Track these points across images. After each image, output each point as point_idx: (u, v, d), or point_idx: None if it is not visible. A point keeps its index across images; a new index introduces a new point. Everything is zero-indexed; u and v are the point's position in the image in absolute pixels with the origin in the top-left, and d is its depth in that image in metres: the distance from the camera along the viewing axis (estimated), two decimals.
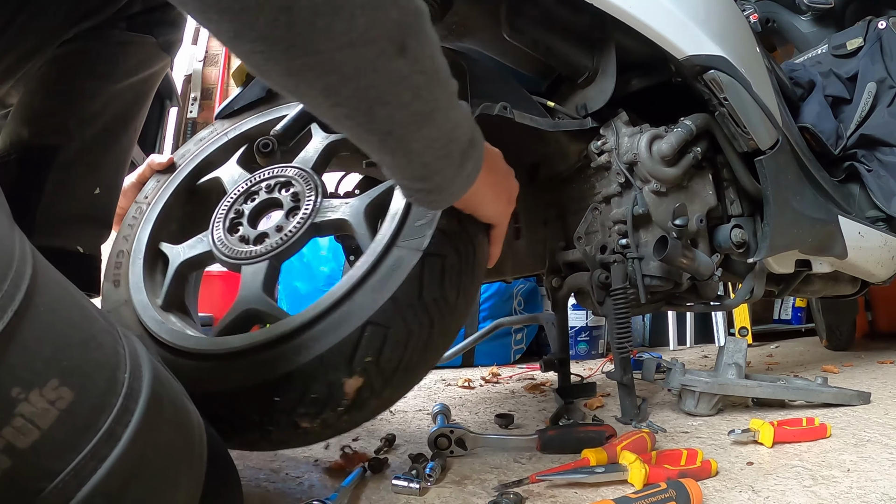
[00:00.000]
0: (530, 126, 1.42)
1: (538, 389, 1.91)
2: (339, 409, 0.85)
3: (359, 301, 0.88)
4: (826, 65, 2.08)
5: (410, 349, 0.88)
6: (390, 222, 0.95)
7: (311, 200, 1.03)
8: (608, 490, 0.98)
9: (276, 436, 0.86)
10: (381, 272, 0.90)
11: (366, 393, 0.86)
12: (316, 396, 0.84)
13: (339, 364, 0.84)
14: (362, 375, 0.85)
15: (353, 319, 0.86)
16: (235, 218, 1.06)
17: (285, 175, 1.09)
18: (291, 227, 1.00)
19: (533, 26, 1.43)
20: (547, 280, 1.74)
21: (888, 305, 3.12)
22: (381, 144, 0.68)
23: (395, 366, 0.87)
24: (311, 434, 0.88)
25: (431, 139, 0.70)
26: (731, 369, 1.48)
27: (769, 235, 1.49)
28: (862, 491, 0.94)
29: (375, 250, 0.92)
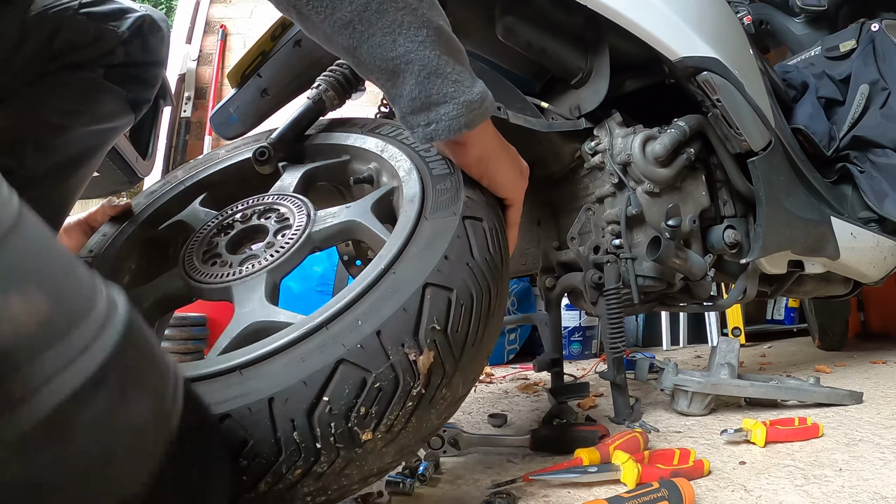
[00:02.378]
0: (524, 127, 1.43)
1: (531, 389, 1.91)
2: (408, 402, 0.70)
3: (406, 268, 0.77)
4: (819, 67, 2.08)
5: (476, 316, 0.77)
6: (410, 204, 0.88)
7: (303, 215, 0.95)
8: (601, 489, 0.98)
9: (327, 457, 0.67)
10: (422, 239, 0.81)
11: (437, 376, 0.72)
12: (380, 386, 0.69)
13: (404, 336, 0.71)
14: (433, 348, 0.72)
15: (408, 285, 0.75)
16: (209, 251, 0.96)
17: (263, 203, 1.01)
18: (285, 241, 0.92)
19: (527, 28, 1.44)
20: (540, 280, 1.74)
21: (881, 306, 3.13)
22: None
23: (464, 338, 0.76)
24: (371, 455, 0.70)
25: (439, 48, 0.73)
26: (723, 369, 1.48)
27: (762, 236, 1.49)
28: (854, 490, 0.94)
29: (405, 225, 0.84)
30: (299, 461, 0.66)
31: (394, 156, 1.00)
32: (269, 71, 1.34)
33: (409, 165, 0.96)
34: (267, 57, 1.34)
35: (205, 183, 1.14)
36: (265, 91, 1.32)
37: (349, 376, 0.68)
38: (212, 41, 4.10)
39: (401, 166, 0.97)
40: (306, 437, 0.66)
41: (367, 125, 1.13)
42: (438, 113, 0.76)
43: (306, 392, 0.67)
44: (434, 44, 0.73)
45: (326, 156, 1.11)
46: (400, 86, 0.74)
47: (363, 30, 0.69)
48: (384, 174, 1.04)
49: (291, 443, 0.66)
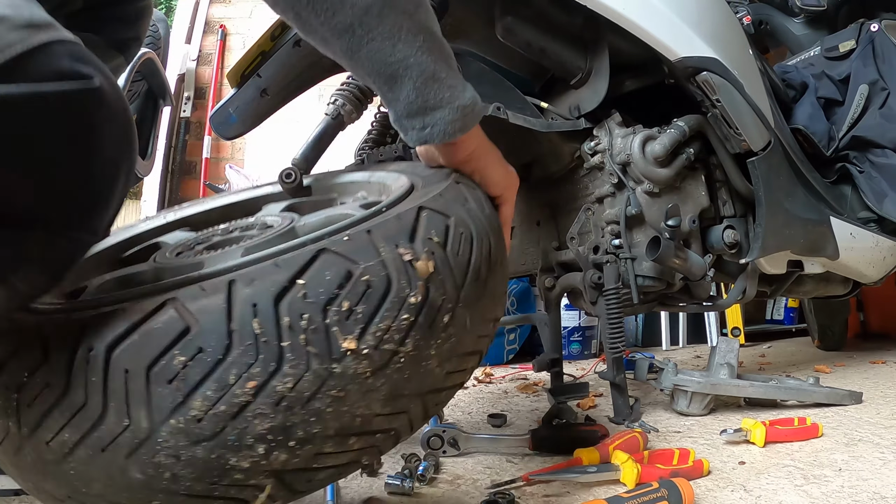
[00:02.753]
0: (524, 126, 1.43)
1: (531, 389, 1.91)
2: (403, 313, 0.61)
3: (402, 206, 0.72)
4: (818, 67, 2.08)
5: (478, 251, 0.72)
6: (401, 187, 0.84)
7: (288, 219, 0.90)
8: (600, 489, 0.98)
9: (294, 368, 0.56)
10: (415, 196, 0.78)
11: (438, 293, 0.64)
12: (369, 280, 0.60)
13: (400, 239, 0.64)
14: (430, 258, 0.65)
15: (402, 207, 0.70)
16: (185, 250, 0.89)
17: (247, 222, 0.98)
18: (268, 232, 0.85)
19: (526, 28, 1.44)
20: (540, 280, 1.74)
21: (880, 306, 3.13)
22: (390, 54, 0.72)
23: (466, 264, 0.69)
24: (353, 385, 0.58)
25: (434, 54, 0.74)
26: (723, 369, 1.48)
27: (761, 236, 1.49)
28: (853, 490, 0.94)
29: (397, 191, 0.81)
30: (255, 365, 0.54)
31: (382, 177, 0.99)
32: (268, 71, 1.33)
33: (397, 175, 0.94)
34: (266, 57, 1.34)
35: (188, 220, 1.10)
36: (265, 91, 1.32)
37: (332, 263, 0.59)
38: (211, 41, 4.10)
39: (389, 178, 0.96)
40: (269, 329, 0.55)
41: (353, 168, 1.16)
42: (435, 117, 0.77)
43: (277, 274, 0.57)
44: (430, 49, 0.74)
45: (314, 193, 1.10)
46: (397, 90, 0.75)
47: (363, 34, 0.70)
48: (372, 196, 1.01)
49: (248, 335, 0.54)
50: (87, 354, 0.54)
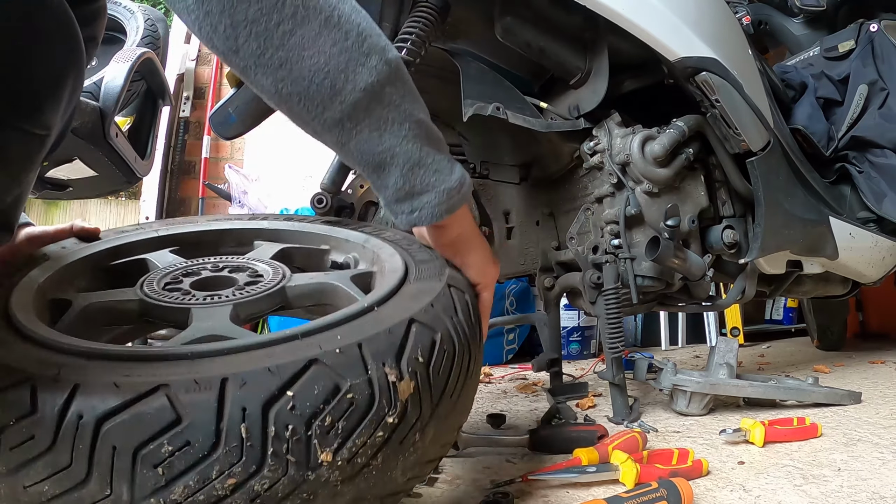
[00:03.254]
0: (523, 126, 1.43)
1: (530, 389, 1.91)
2: (379, 431, 0.64)
3: (390, 309, 0.75)
4: (818, 67, 2.09)
5: (457, 368, 0.74)
6: (393, 273, 0.86)
7: (279, 274, 0.91)
8: (600, 489, 0.98)
9: (272, 472, 0.58)
10: (407, 294, 0.80)
11: (414, 412, 0.67)
12: (353, 398, 0.62)
13: (388, 357, 0.66)
14: (414, 379, 0.67)
15: (395, 316, 0.72)
16: (172, 283, 0.89)
17: (238, 262, 0.97)
18: (258, 287, 0.87)
19: (526, 28, 1.44)
20: (539, 280, 1.74)
21: (879, 306, 3.13)
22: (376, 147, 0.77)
23: (445, 382, 0.72)
24: (322, 490, 0.61)
25: (420, 140, 0.79)
26: (722, 369, 1.48)
27: (760, 236, 1.49)
28: (852, 490, 0.95)
29: (390, 283, 0.82)
30: (237, 465, 0.56)
31: (376, 245, 1.01)
32: None
33: (392, 251, 0.96)
34: None
35: (179, 239, 1.08)
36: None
37: (321, 377, 0.61)
38: None
39: (382, 252, 0.97)
40: (255, 435, 0.57)
41: (350, 224, 1.16)
42: (422, 201, 0.81)
43: (269, 380, 0.59)
44: (416, 137, 0.78)
45: (307, 242, 1.10)
46: (385, 177, 0.79)
47: (351, 127, 0.74)
48: (363, 262, 1.03)
49: (235, 437, 0.56)
50: (77, 421, 0.56)
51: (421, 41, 1.34)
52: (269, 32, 0.68)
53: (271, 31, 0.68)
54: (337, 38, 0.71)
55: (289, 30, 0.69)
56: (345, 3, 0.73)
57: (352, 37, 0.72)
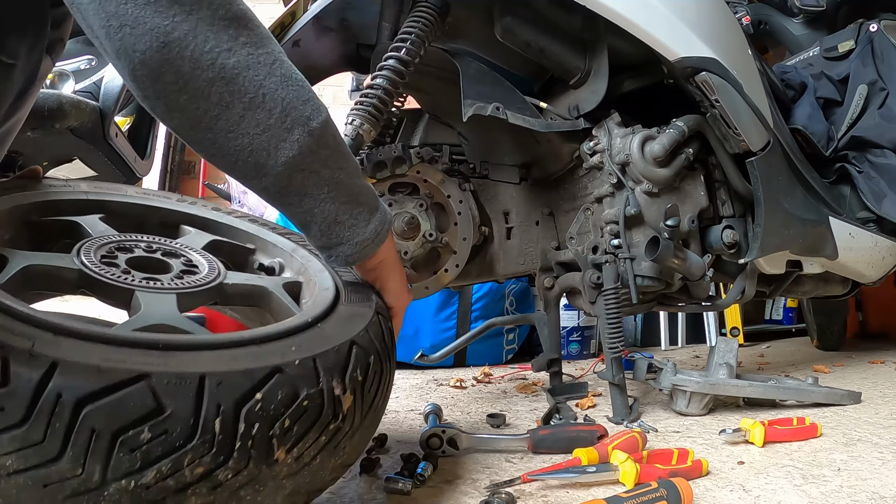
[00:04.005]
0: (523, 126, 1.43)
1: (530, 389, 1.91)
2: (322, 435, 0.72)
3: (331, 327, 0.82)
4: (818, 67, 2.09)
5: (379, 387, 0.83)
6: (326, 291, 0.93)
7: (214, 268, 0.94)
8: (599, 489, 0.98)
9: (236, 464, 0.64)
10: (342, 315, 0.87)
11: (348, 423, 0.76)
12: (307, 405, 0.70)
13: (335, 372, 0.75)
14: (352, 394, 0.76)
15: (338, 336, 0.80)
16: (107, 256, 0.87)
17: (171, 245, 0.97)
18: (197, 279, 0.89)
19: (525, 28, 1.44)
20: (539, 280, 1.74)
21: (879, 306, 3.13)
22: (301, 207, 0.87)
23: (372, 400, 0.81)
24: (271, 483, 0.68)
25: (338, 201, 0.88)
26: (722, 369, 1.48)
27: (760, 236, 1.50)
28: (852, 490, 0.95)
29: (324, 300, 0.89)
30: (207, 456, 0.62)
31: (304, 257, 1.06)
32: None
33: (321, 267, 1.03)
34: None
35: (106, 205, 1.05)
36: None
37: (284, 384, 0.68)
38: None
39: (311, 266, 1.03)
40: (227, 430, 0.63)
41: (279, 228, 1.18)
42: (337, 251, 0.91)
43: (242, 382, 0.65)
44: (335, 198, 0.87)
45: (234, 237, 1.12)
46: (308, 232, 0.90)
47: (276, 193, 0.84)
48: (289, 270, 1.08)
49: (209, 430, 0.62)
50: (56, 400, 0.57)
51: (420, 41, 1.35)
52: (199, 118, 0.75)
53: (200, 117, 0.75)
54: (260, 119, 0.78)
55: (214, 115, 0.76)
56: (272, 77, 0.78)
57: (275, 114, 0.79)
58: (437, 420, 1.30)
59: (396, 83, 1.34)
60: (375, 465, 1.09)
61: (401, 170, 1.56)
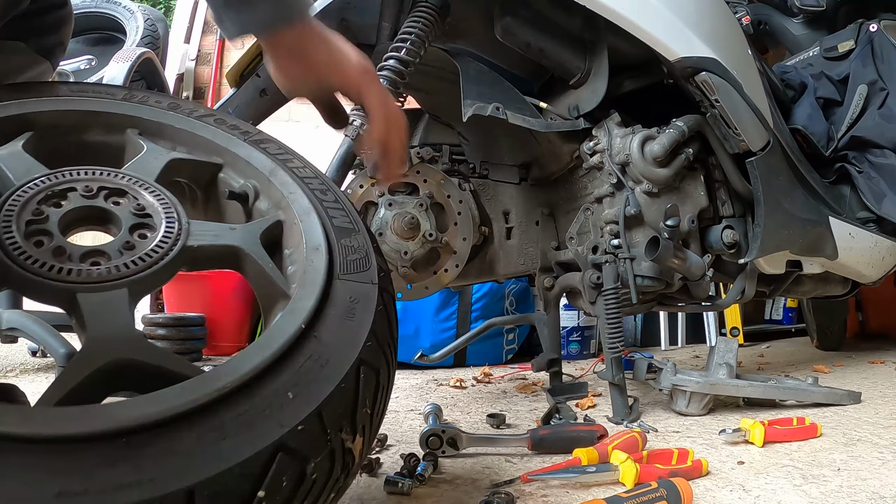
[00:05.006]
0: (523, 127, 1.43)
1: (530, 389, 1.91)
2: (330, 494, 0.62)
3: (330, 335, 0.66)
4: (818, 67, 2.09)
5: (387, 396, 0.71)
6: (317, 254, 0.74)
7: (172, 219, 0.72)
8: (599, 489, 0.98)
9: None
10: (340, 303, 0.70)
11: (357, 460, 0.65)
12: (317, 476, 0.58)
13: (344, 420, 0.61)
14: (362, 435, 0.64)
15: (338, 357, 0.64)
16: (35, 221, 0.67)
17: (117, 182, 0.75)
18: (152, 246, 0.69)
19: (525, 28, 1.44)
20: (539, 280, 1.74)
21: (879, 306, 3.13)
22: None
23: (379, 422, 0.69)
24: None
25: None
26: (722, 369, 1.48)
27: (760, 236, 1.50)
28: (852, 490, 0.94)
29: (315, 280, 0.71)
30: None
31: (285, 184, 0.84)
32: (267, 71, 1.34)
33: (307, 205, 0.81)
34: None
35: (33, 120, 0.82)
36: (264, 91, 1.33)
37: (289, 466, 0.55)
38: (210, 41, 4.09)
39: (295, 200, 0.81)
40: None
41: (252, 134, 0.94)
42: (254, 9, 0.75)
43: (239, 484, 0.51)
44: None
45: (197, 148, 0.88)
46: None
47: None
48: (266, 200, 0.86)
49: None
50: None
51: (420, 41, 1.35)
52: None
53: None
54: None
55: None
56: None
57: None
58: (437, 420, 1.30)
59: (396, 83, 1.34)
60: (375, 465, 1.09)
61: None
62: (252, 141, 0.91)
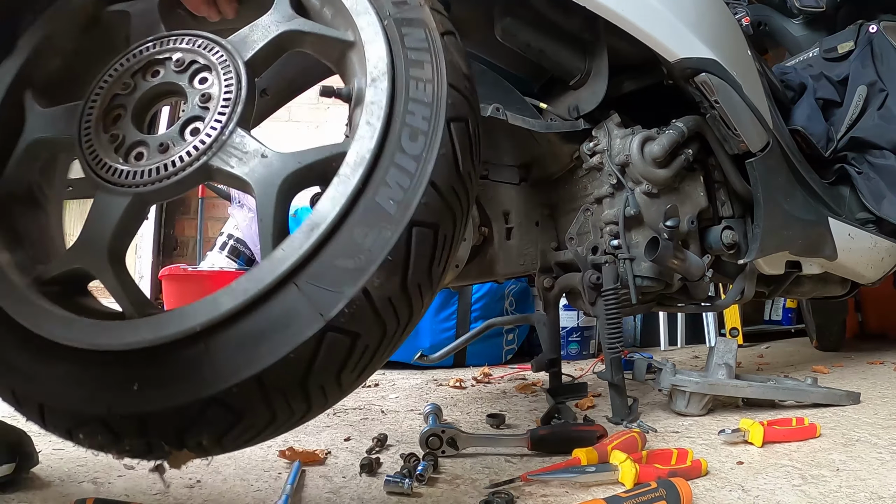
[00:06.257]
0: (523, 127, 1.43)
1: (529, 389, 1.91)
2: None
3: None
4: (817, 68, 2.09)
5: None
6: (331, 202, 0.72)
7: (220, 121, 0.75)
8: (599, 489, 0.98)
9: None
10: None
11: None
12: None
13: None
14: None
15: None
16: (120, 95, 0.76)
17: (208, 57, 0.78)
18: (178, 155, 0.73)
19: (525, 29, 1.44)
20: (538, 280, 1.74)
21: (878, 306, 3.13)
22: None
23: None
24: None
25: None
26: (721, 369, 1.49)
27: (760, 237, 1.50)
28: (851, 490, 0.95)
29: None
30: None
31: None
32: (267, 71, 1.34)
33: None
34: None
35: None
36: (264, 91, 1.32)
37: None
38: None
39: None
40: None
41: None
42: None
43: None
44: None
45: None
46: None
47: None
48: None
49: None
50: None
51: None
52: None
53: None
54: None
55: None
56: None
57: None
58: (437, 420, 1.31)
59: None
60: (375, 464, 1.09)
61: None
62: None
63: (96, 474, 1.06)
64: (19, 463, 0.96)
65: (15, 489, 0.97)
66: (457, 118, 0.76)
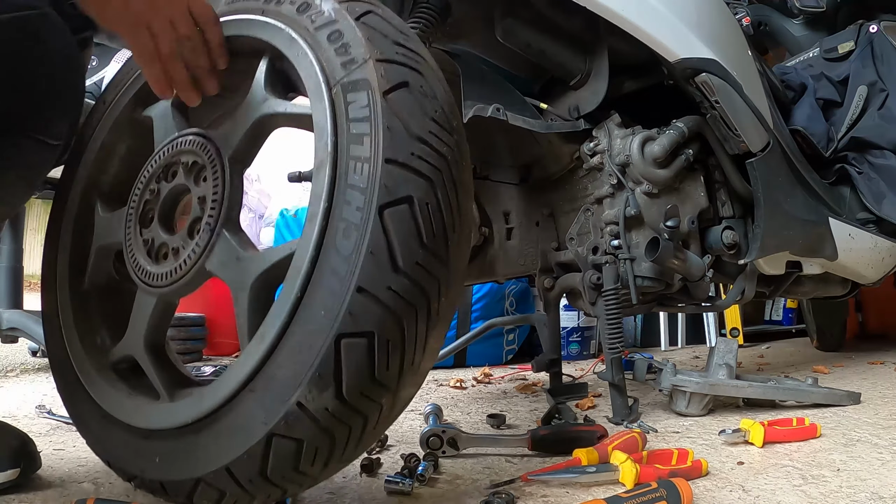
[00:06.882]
0: (523, 127, 1.43)
1: (530, 390, 1.91)
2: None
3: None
4: (818, 68, 2.09)
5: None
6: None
7: (210, 224, 0.78)
8: (599, 490, 0.98)
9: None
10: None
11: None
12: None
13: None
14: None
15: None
16: (149, 202, 0.84)
17: (202, 156, 0.82)
18: (183, 259, 0.80)
19: (526, 29, 1.44)
20: (539, 281, 1.74)
21: (879, 306, 3.13)
22: None
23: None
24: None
25: None
26: (722, 370, 1.49)
27: (760, 237, 1.50)
28: (851, 490, 0.95)
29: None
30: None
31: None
32: None
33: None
34: None
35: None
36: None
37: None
38: None
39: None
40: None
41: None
42: None
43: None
44: None
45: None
46: None
47: None
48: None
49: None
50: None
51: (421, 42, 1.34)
52: None
53: None
54: None
55: None
56: None
57: None
58: (437, 420, 1.31)
59: None
60: (376, 465, 1.09)
61: None
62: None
63: (96, 475, 1.06)
64: (24, 467, 0.96)
65: (16, 489, 0.97)
66: (395, 202, 0.69)
